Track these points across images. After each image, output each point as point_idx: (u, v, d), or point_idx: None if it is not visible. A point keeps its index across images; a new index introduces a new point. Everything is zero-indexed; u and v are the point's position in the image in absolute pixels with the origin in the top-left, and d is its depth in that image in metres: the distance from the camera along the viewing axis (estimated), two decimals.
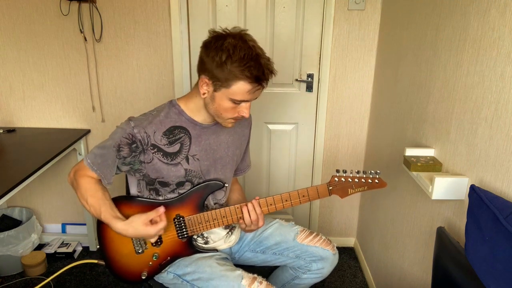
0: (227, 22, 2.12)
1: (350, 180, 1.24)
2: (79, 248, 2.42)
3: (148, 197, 1.32)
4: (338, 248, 1.47)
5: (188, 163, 1.27)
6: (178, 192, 1.30)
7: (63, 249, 2.34)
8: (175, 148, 1.24)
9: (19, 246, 2.17)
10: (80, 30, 2.10)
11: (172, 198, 1.29)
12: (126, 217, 1.21)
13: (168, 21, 2.09)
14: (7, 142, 2.02)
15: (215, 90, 1.16)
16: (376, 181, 1.24)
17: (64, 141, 2.04)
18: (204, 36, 1.22)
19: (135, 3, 2.07)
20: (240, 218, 1.28)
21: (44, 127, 2.28)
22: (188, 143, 1.26)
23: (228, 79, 1.12)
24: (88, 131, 2.27)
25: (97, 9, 2.07)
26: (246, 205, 1.25)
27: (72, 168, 1.27)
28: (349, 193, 1.25)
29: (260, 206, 1.26)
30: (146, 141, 1.20)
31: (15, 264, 2.18)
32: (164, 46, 2.14)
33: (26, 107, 2.25)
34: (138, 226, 1.16)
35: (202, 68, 1.16)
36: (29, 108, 2.25)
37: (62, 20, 2.10)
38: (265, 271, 1.57)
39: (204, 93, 1.18)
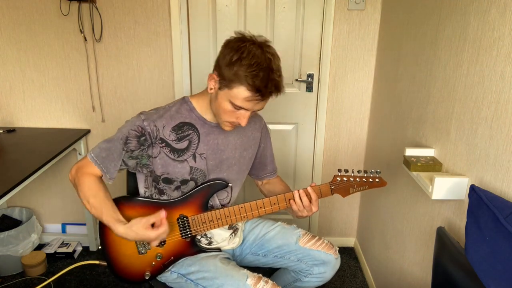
0: (227, 22, 2.12)
1: (352, 180, 1.25)
2: (79, 248, 2.42)
3: (154, 194, 1.31)
4: (338, 248, 1.46)
5: (195, 161, 1.27)
6: (182, 191, 1.30)
7: (63, 249, 2.34)
8: (183, 145, 1.25)
9: (19, 246, 2.17)
10: (80, 30, 2.10)
11: (175, 198, 1.29)
12: (128, 218, 1.20)
13: (168, 21, 2.09)
14: (7, 142, 2.02)
15: (219, 88, 1.16)
16: (377, 180, 1.25)
17: (64, 141, 2.04)
18: (204, 36, 1.23)
19: (135, 3, 2.07)
20: (245, 217, 1.28)
21: (44, 127, 2.28)
22: (196, 141, 1.26)
23: (231, 80, 1.11)
24: (88, 131, 2.27)
25: (97, 9, 2.07)
26: (298, 191, 1.25)
27: (74, 165, 1.25)
28: (351, 192, 1.27)
29: (315, 193, 1.25)
30: (155, 134, 1.21)
31: (15, 264, 2.18)
32: (164, 46, 2.14)
33: (26, 107, 2.25)
34: (138, 229, 1.15)
35: (216, 64, 1.17)
36: (29, 108, 2.25)
37: (62, 20, 2.10)
38: (266, 273, 1.57)
39: (211, 89, 1.19)
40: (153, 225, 1.17)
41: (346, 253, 2.44)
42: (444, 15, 1.29)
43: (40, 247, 2.36)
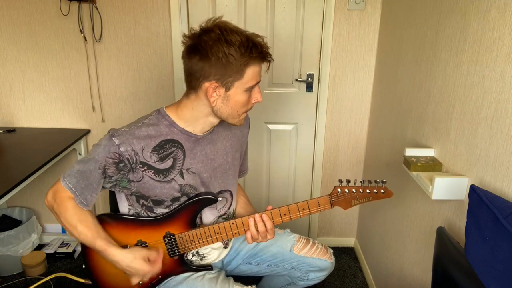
0: None
1: (354, 191, 1.16)
2: (79, 248, 2.42)
3: (142, 212, 1.22)
4: (338, 248, 1.46)
5: (183, 177, 1.17)
6: (174, 207, 1.21)
7: (63, 249, 2.34)
8: (168, 164, 1.14)
9: (19, 246, 2.17)
10: (80, 30, 2.10)
11: (162, 215, 1.21)
12: (112, 238, 1.15)
13: (168, 21, 2.09)
14: (7, 142, 2.02)
15: (227, 90, 1.07)
16: (382, 191, 1.15)
17: (64, 141, 2.04)
18: None
19: (135, 3, 2.07)
20: (236, 234, 1.21)
21: (44, 127, 2.28)
22: (182, 157, 1.15)
23: (239, 70, 1.04)
24: (88, 131, 2.27)
25: (97, 9, 2.07)
26: (253, 217, 1.17)
27: (50, 190, 1.14)
28: (353, 204, 1.18)
29: (272, 219, 1.17)
30: (134, 159, 1.09)
31: (15, 264, 2.18)
32: (164, 46, 2.14)
33: (26, 107, 2.25)
34: (135, 258, 1.11)
35: (202, 76, 1.06)
36: (29, 108, 2.25)
37: (62, 20, 2.10)
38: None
39: (214, 101, 1.08)
40: (149, 260, 1.14)
41: (346, 253, 2.44)
42: (444, 15, 1.29)
43: (40, 247, 2.36)
